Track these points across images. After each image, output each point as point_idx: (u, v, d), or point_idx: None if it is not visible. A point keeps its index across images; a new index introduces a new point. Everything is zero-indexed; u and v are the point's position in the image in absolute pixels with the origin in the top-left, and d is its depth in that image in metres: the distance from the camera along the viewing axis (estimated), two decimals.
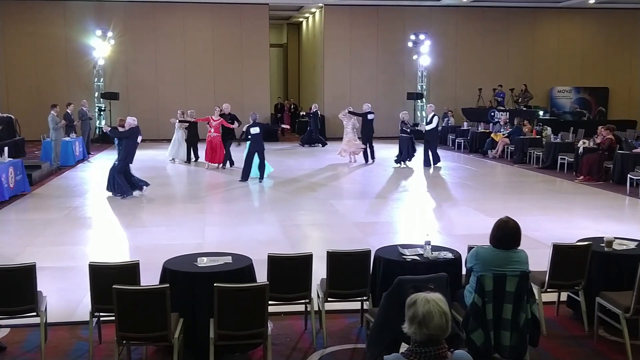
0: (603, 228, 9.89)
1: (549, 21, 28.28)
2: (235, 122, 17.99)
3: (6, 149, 13.70)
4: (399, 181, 15.90)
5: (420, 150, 18.36)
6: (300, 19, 33.06)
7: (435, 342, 3.01)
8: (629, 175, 13.77)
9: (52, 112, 17.53)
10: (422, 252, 5.83)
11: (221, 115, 17.83)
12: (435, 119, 18.19)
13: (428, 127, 18.10)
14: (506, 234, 5.00)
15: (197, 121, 18.71)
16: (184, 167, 18.35)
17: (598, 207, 12.27)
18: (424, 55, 26.96)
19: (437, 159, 18.15)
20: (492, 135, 21.27)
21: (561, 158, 17.14)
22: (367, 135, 18.75)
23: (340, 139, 20.02)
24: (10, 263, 6.21)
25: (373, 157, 18.81)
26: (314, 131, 24.32)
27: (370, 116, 18.82)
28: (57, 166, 17.24)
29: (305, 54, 33.34)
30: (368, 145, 18.72)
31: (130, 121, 12.94)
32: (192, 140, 19.00)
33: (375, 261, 5.88)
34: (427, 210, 12.19)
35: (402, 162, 17.93)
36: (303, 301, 5.82)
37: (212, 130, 17.50)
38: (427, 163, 17.97)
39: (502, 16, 27.77)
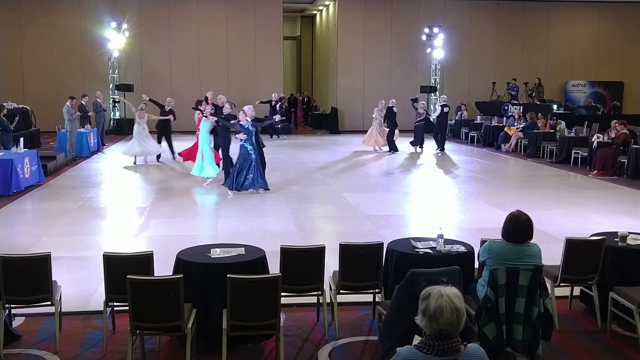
0: (617, 223, 9.86)
1: (564, 14, 28.06)
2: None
3: (22, 139, 13.81)
4: (412, 174, 15.88)
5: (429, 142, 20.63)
6: (314, 12, 32.97)
7: (446, 337, 3.01)
8: None
9: (67, 103, 17.65)
10: (434, 246, 5.82)
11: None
12: (438, 108, 20.45)
13: (434, 115, 20.81)
14: (518, 227, 4.99)
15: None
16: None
17: (612, 201, 12.19)
18: (438, 49, 26.85)
19: (442, 145, 20.15)
20: (505, 129, 21.20)
21: (575, 152, 17.04)
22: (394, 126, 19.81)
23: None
24: (26, 252, 6.29)
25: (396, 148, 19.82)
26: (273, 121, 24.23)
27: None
28: (72, 157, 17.35)
29: (318, 47, 33.27)
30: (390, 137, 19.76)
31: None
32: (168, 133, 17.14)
33: (387, 254, 5.88)
34: (439, 203, 12.16)
35: (417, 147, 20.06)
36: (315, 293, 5.83)
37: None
38: (438, 146, 20.12)
39: (516, 9, 27.60)
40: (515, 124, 21.16)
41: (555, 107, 25.26)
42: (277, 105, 23.45)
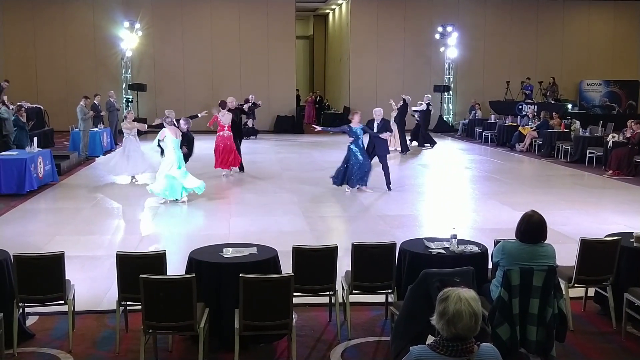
0: (632, 223, 9.77)
1: (579, 13, 27.86)
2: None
3: (35, 139, 13.88)
4: (425, 174, 15.83)
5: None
6: (327, 11, 32.98)
7: (462, 340, 2.99)
8: None
9: (81, 102, 17.73)
10: (448, 246, 5.79)
11: (229, 110, 14.78)
12: (424, 105, 21.14)
13: (417, 108, 21.23)
14: (531, 227, 4.96)
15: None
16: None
17: (627, 201, 12.09)
18: (452, 47, 26.73)
19: (424, 141, 21.27)
20: (519, 128, 21.08)
21: (590, 152, 16.91)
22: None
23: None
24: (40, 252, 6.31)
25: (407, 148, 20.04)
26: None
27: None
28: (85, 156, 17.43)
29: (331, 46, 33.26)
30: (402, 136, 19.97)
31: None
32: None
33: (400, 254, 5.86)
34: (453, 203, 12.10)
35: (426, 145, 21.19)
36: (328, 293, 5.82)
37: (226, 128, 14.43)
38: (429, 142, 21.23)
39: (531, 7, 27.43)
40: (530, 123, 21.05)
41: (570, 106, 25.09)
42: (247, 107, 23.11)
